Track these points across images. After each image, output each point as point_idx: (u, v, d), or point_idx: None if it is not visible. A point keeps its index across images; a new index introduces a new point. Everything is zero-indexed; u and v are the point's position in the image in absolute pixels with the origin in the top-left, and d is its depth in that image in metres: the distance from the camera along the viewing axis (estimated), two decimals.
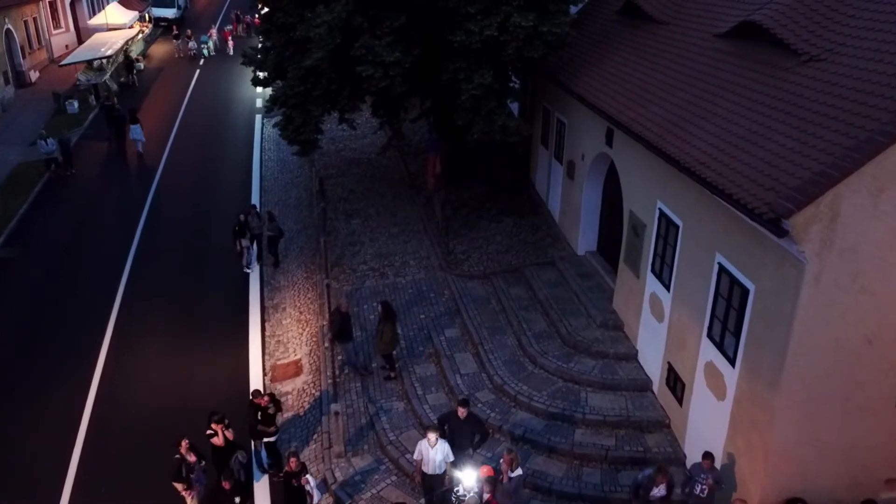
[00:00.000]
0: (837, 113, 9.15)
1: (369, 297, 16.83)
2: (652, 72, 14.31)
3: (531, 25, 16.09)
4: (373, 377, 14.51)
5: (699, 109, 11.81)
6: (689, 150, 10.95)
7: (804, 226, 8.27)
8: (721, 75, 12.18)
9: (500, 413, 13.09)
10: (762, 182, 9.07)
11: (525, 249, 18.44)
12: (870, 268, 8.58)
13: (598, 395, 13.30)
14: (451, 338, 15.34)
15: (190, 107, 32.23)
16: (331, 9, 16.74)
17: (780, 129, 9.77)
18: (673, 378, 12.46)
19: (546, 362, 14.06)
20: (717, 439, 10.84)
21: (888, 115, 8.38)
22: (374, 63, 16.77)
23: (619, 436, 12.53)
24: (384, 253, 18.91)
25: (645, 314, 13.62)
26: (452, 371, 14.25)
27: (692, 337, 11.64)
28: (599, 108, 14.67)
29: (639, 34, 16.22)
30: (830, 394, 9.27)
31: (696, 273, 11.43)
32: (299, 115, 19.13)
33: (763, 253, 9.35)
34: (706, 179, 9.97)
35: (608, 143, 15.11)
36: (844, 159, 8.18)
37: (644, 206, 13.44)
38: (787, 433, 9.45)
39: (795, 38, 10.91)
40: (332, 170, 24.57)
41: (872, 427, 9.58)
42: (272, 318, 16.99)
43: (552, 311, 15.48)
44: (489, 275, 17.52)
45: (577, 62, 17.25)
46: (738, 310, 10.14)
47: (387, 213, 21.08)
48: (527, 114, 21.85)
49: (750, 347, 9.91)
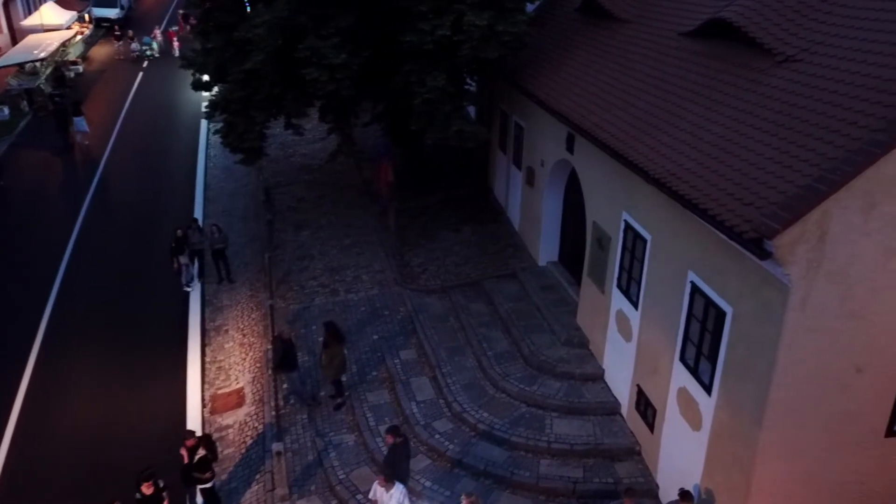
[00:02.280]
0: (819, 119, 8.36)
1: (319, 317, 15.65)
2: (615, 73, 13.46)
3: (486, 25, 15.13)
4: (321, 407, 13.36)
5: (667, 114, 10.97)
6: (658, 158, 10.09)
7: (789, 246, 7.43)
8: (690, 77, 11.36)
9: (459, 444, 12.08)
10: (740, 196, 8.22)
11: (485, 260, 17.47)
12: (860, 291, 7.79)
13: (565, 420, 12.39)
14: (407, 360, 14.28)
15: (131, 112, 30.53)
16: (271, 8, 15.56)
17: (756, 136, 8.95)
18: (643, 403, 11.60)
19: (508, 385, 13.10)
20: (693, 472, 9.99)
21: (876, 121, 7.60)
22: (319, 65, 15.66)
23: (588, 466, 11.64)
24: (335, 267, 17.75)
25: (611, 332, 12.76)
26: (408, 398, 13.19)
27: (663, 360, 10.78)
28: (559, 111, 13.78)
29: (600, 33, 15.37)
30: (818, 426, 8.48)
31: (666, 291, 10.57)
32: (242, 122, 17.90)
33: (742, 273, 8.50)
34: (678, 192, 9.10)
35: (569, 150, 14.21)
36: (833, 172, 7.36)
37: (608, 217, 12.57)
38: (772, 470, 8.63)
39: (769, 37, 10.13)
40: (280, 177, 23.31)
41: (861, 460, 8.82)
42: (213, 341, 15.72)
43: (514, 328, 14.54)
44: (447, 289, 16.51)
45: (536, 63, 16.34)
46: (714, 334, 9.29)
47: (339, 223, 19.91)
48: (484, 118, 20.90)
49: (728, 375, 9.06)
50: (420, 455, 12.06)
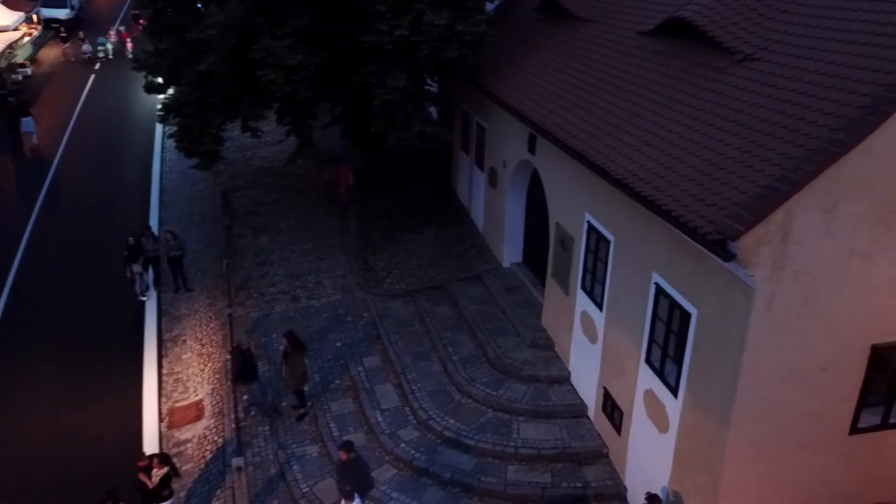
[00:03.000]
0: (779, 118, 8.31)
1: (279, 325, 15.24)
2: (576, 73, 13.35)
3: (445, 24, 14.92)
4: (283, 419, 13.00)
5: (628, 114, 10.88)
6: (620, 159, 9.98)
7: (753, 247, 7.35)
8: (650, 77, 11.29)
9: (425, 453, 11.84)
10: (703, 197, 8.14)
11: (449, 263, 17.25)
12: (823, 290, 7.75)
13: (532, 424, 12.24)
14: (371, 367, 13.99)
15: (83, 115, 29.58)
16: (225, 7, 15.11)
17: (717, 135, 8.89)
18: (610, 405, 11.51)
19: (474, 391, 12.90)
20: (661, 474, 9.91)
21: (835, 119, 7.57)
22: (275, 66, 15.27)
23: (556, 470, 11.49)
24: (296, 273, 17.35)
25: (576, 334, 12.65)
26: (372, 406, 12.91)
27: (629, 362, 10.69)
28: (520, 112, 13.62)
29: (560, 32, 15.26)
30: (784, 427, 8.43)
31: (630, 293, 10.48)
32: (197, 125, 17.42)
33: (706, 274, 8.42)
34: (640, 193, 8.99)
35: (531, 150, 14.07)
36: (794, 172, 7.30)
37: (571, 218, 12.45)
38: (740, 471, 8.57)
39: (727, 36, 10.09)
40: (239, 181, 22.78)
41: (827, 459, 8.82)
42: (171, 352, 15.21)
43: (479, 332, 14.35)
44: (411, 292, 16.26)
45: (497, 63, 16.17)
46: (679, 335, 9.20)
47: (299, 227, 19.50)
48: (446, 118, 20.69)
49: (694, 377, 8.98)
50: (386, 465, 11.81)
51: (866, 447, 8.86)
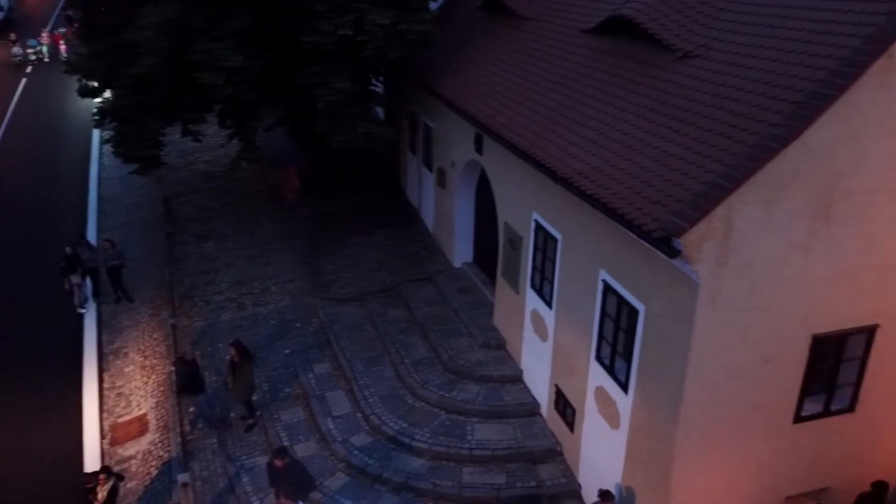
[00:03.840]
0: (719, 114, 8.41)
1: (226, 334, 14.84)
2: (521, 72, 13.34)
3: (389, 23, 14.72)
4: (231, 430, 12.65)
5: (573, 112, 10.90)
6: (566, 158, 9.98)
7: (697, 243, 7.40)
8: (594, 75, 11.34)
9: (378, 458, 11.66)
10: (647, 194, 8.18)
11: (400, 265, 17.09)
12: (765, 284, 7.87)
13: (486, 425, 12.18)
14: (322, 374, 13.73)
15: (14, 123, 28.37)
16: (160, 8, 14.62)
17: (660, 133, 8.95)
18: (562, 403, 11.53)
19: (427, 393, 12.78)
20: (614, 470, 9.95)
21: (773, 115, 7.69)
22: (215, 69, 14.86)
23: (510, 471, 11.45)
24: (242, 279, 16.95)
25: (527, 332, 12.64)
26: (324, 414, 12.67)
27: (580, 359, 10.72)
28: (466, 111, 13.56)
29: (505, 31, 15.25)
30: (731, 419, 8.54)
31: (579, 291, 10.50)
32: (134, 129, 16.86)
33: (652, 271, 8.47)
34: (586, 192, 9.00)
35: (478, 150, 14.02)
36: (735, 168, 7.39)
37: (519, 217, 12.43)
38: (690, 465, 8.65)
39: (667, 34, 10.19)
40: (182, 186, 22.17)
41: (773, 447, 8.97)
42: (112, 366, 14.67)
43: (432, 334, 14.23)
44: (362, 296, 16.04)
45: (443, 62, 16.07)
46: (628, 332, 9.25)
47: (244, 232, 19.07)
48: (393, 119, 20.50)
49: (643, 373, 9.04)
50: (339, 473, 11.60)
51: (810, 434, 9.06)
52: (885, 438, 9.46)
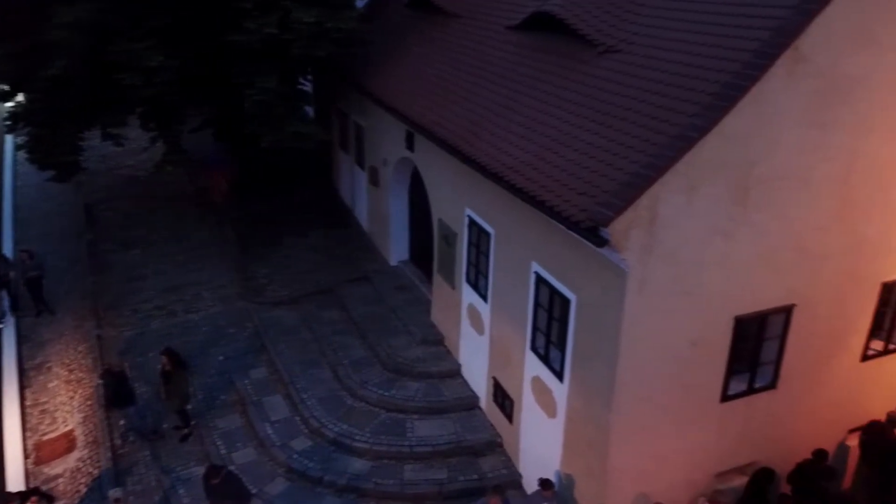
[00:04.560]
0: (641, 107, 8.67)
1: (156, 342, 14.33)
2: (450, 69, 13.41)
3: (314, 21, 14.55)
4: (165, 441, 12.28)
5: (502, 108, 11.03)
6: (495, 153, 10.09)
7: (623, 232, 7.60)
8: (521, 70, 11.50)
9: (319, 461, 11.53)
10: (574, 186, 8.35)
11: (336, 265, 16.91)
12: (689, 269, 8.16)
13: (426, 421, 12.20)
14: (258, 379, 13.48)
15: None
16: (74, 7, 14.04)
17: (587, 126, 9.16)
18: (500, 394, 11.66)
19: (367, 393, 12.71)
20: (553, 459, 10.13)
21: (693, 107, 7.97)
22: (135, 69, 14.36)
23: (452, 465, 11.51)
24: (172, 286, 16.45)
25: (465, 327, 12.73)
26: (261, 419, 12.44)
27: (516, 350, 10.87)
28: (396, 109, 13.55)
29: (432, 29, 15.31)
30: (662, 402, 8.82)
31: (512, 283, 10.64)
32: (50, 134, 16.15)
33: (582, 261, 8.66)
34: (516, 186, 9.13)
35: (409, 148, 14.02)
36: (658, 158, 7.62)
37: (453, 213, 12.51)
38: (626, 449, 8.88)
39: (590, 29, 10.43)
40: (104, 192, 21.34)
41: (702, 427, 9.32)
42: (34, 382, 14.00)
43: (370, 333, 14.16)
44: (297, 299, 15.81)
45: (371, 60, 16.00)
46: (561, 321, 9.43)
47: (172, 238, 18.50)
48: (324, 118, 20.28)
49: (577, 361, 9.23)
50: (278, 478, 11.42)
51: (736, 412, 9.45)
52: (803, 412, 9.96)
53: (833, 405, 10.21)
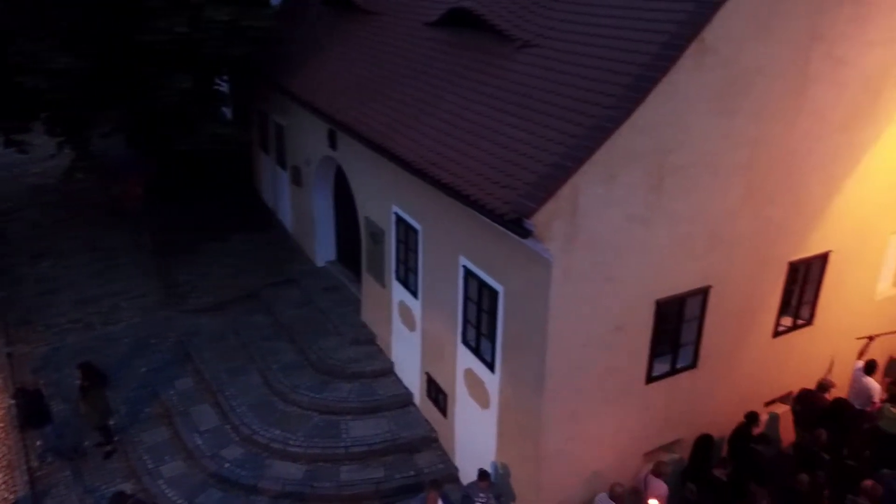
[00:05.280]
0: (559, 100, 8.86)
1: (73, 358, 13.64)
2: (370, 66, 13.34)
3: (228, 20, 14.22)
4: (87, 459, 11.75)
5: (424, 105, 11.06)
6: (419, 149, 10.11)
7: (546, 222, 7.76)
8: (441, 66, 11.56)
9: (252, 469, 11.29)
10: (498, 179, 8.46)
11: (260, 269, 16.57)
12: (610, 256, 8.41)
13: (360, 421, 12.12)
14: (184, 390, 13.07)
15: None
16: None
17: (507, 120, 9.29)
18: (434, 389, 11.71)
19: (298, 397, 12.52)
20: (488, 449, 10.26)
21: (608, 98, 8.20)
22: (37, 72, 13.68)
23: (388, 463, 11.48)
24: (88, 298, 15.75)
25: (396, 324, 12.72)
26: (189, 430, 12.08)
27: (448, 344, 10.94)
28: (317, 107, 13.38)
29: (351, 26, 15.19)
30: (590, 387, 9.06)
31: (442, 278, 10.71)
32: None
33: (508, 253, 8.80)
34: (441, 181, 9.17)
35: (332, 146, 13.89)
36: (577, 149, 7.82)
37: (379, 211, 12.47)
38: (558, 434, 9.07)
39: (506, 24, 10.60)
40: (9, 202, 20.26)
41: (628, 409, 9.62)
42: None
43: (299, 336, 13.95)
44: (222, 305, 15.41)
45: (290, 59, 15.75)
46: (490, 313, 9.56)
47: (86, 248, 17.71)
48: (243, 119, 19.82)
49: (507, 351, 9.38)
50: (210, 489, 11.11)
51: (660, 393, 9.80)
52: (722, 388, 10.44)
53: (749, 380, 10.74)
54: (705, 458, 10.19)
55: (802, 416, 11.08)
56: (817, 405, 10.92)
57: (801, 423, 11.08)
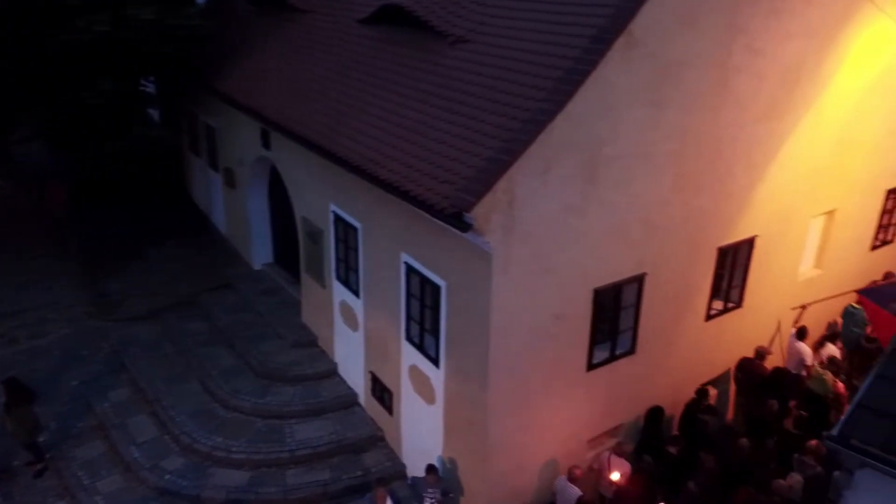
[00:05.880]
0: (492, 94, 8.94)
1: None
2: (303, 65, 13.17)
3: (153, 18, 13.78)
4: (17, 479, 11.22)
5: (359, 102, 10.98)
6: (356, 146, 10.04)
7: (485, 216, 7.82)
8: (374, 63, 11.51)
9: (193, 479, 11.00)
10: (436, 174, 8.48)
11: (195, 274, 16.14)
12: (549, 247, 8.54)
13: (305, 424, 11.96)
14: (119, 401, 12.62)
15: None
16: None
17: (443, 116, 9.31)
18: (379, 388, 11.66)
19: (240, 403, 12.26)
20: (435, 445, 10.28)
21: (540, 92, 8.32)
22: None
23: (335, 465, 11.37)
24: (11, 311, 15.00)
25: (338, 325, 12.60)
26: (126, 443, 11.67)
27: (391, 342, 10.91)
28: (249, 107, 13.14)
29: (282, 24, 14.95)
30: (533, 377, 9.18)
31: (383, 276, 10.67)
32: None
33: (448, 248, 8.82)
34: (379, 178, 9.13)
35: (265, 146, 13.64)
36: (512, 142, 7.90)
37: (317, 210, 12.33)
38: (503, 426, 9.17)
39: (438, 20, 10.63)
40: None
41: (571, 397, 9.79)
42: None
43: (238, 341, 13.65)
44: (157, 312, 14.94)
45: (220, 59, 15.39)
46: (433, 309, 9.58)
47: (7, 259, 16.86)
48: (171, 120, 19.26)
49: (451, 346, 9.41)
50: (152, 502, 10.77)
51: (601, 379, 10.02)
52: (659, 372, 10.76)
53: (685, 363, 11.10)
54: (657, 430, 10.55)
55: (743, 383, 11.71)
56: (756, 372, 11.50)
57: (743, 391, 11.71)
